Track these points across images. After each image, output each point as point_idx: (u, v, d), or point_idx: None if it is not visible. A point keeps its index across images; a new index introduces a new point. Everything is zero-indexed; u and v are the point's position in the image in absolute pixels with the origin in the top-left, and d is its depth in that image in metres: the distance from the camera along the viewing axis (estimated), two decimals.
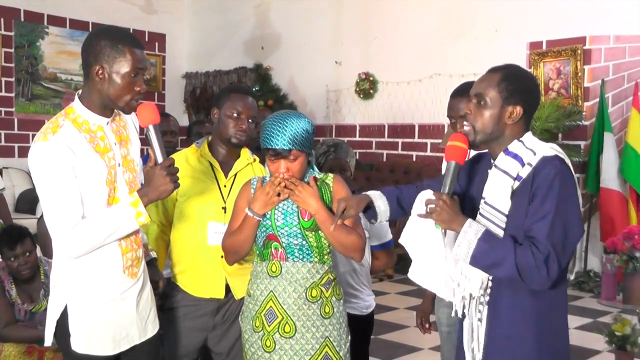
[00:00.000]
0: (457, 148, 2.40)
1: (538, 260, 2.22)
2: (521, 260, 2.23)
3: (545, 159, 2.32)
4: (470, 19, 8.95)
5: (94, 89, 2.55)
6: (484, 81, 2.44)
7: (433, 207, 2.35)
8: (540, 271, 2.22)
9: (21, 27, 10.57)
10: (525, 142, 2.39)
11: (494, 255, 2.27)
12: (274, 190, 2.70)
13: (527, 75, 2.50)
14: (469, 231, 2.30)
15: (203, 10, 12.32)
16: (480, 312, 2.43)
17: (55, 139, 2.46)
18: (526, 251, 2.24)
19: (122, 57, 2.52)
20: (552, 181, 2.26)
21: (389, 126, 9.99)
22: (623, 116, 8.10)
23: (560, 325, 2.43)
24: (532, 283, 2.27)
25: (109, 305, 2.65)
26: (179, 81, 12.51)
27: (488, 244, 2.28)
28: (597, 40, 8.04)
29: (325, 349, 2.74)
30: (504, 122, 2.39)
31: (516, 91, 2.38)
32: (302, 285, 2.74)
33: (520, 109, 2.38)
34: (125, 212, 2.53)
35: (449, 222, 2.34)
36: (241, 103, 3.16)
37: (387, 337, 5.95)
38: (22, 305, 4.18)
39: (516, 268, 2.23)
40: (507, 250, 2.25)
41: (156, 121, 2.59)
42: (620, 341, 4.73)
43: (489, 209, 2.38)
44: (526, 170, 2.33)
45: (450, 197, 2.36)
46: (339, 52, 10.45)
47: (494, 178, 2.39)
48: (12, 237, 4.15)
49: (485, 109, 2.39)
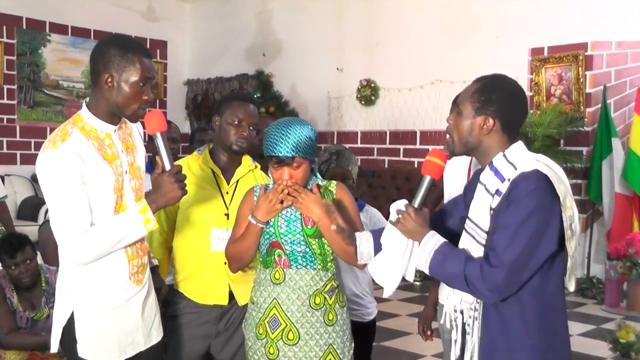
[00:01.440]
0: (434, 164, 2.41)
1: (484, 272, 2.20)
2: (469, 272, 2.23)
3: (523, 175, 2.26)
4: (471, 25, 8.95)
5: (102, 97, 2.56)
6: (464, 91, 2.43)
7: (398, 217, 2.39)
8: (484, 282, 2.20)
9: (23, 35, 10.58)
10: (507, 155, 2.34)
11: (447, 268, 2.29)
12: (277, 197, 2.69)
13: (505, 87, 2.40)
14: (428, 243, 2.32)
15: (204, 17, 12.34)
16: (469, 325, 2.41)
17: (64, 146, 2.46)
18: (475, 263, 2.23)
19: (132, 66, 2.53)
20: (525, 196, 2.21)
21: (391, 133, 9.99)
22: (625, 122, 8.09)
23: (561, 335, 2.39)
24: (477, 294, 2.27)
25: (115, 311, 2.65)
26: (181, 88, 12.53)
27: (442, 256, 2.29)
28: (598, 46, 8.04)
29: (328, 356, 2.73)
30: (477, 134, 2.36)
31: (488, 102, 2.33)
32: (305, 292, 2.73)
33: (492, 120, 2.33)
34: (134, 219, 2.53)
35: (412, 232, 2.36)
36: (242, 110, 3.16)
37: (390, 344, 5.94)
38: (23, 313, 4.18)
39: (464, 280, 2.23)
40: (459, 263, 2.26)
41: (163, 129, 2.60)
42: (624, 348, 4.72)
43: (472, 225, 2.38)
44: (505, 185, 2.29)
45: (418, 210, 2.38)
46: (340, 58, 10.46)
47: (477, 194, 2.39)
48: (13, 245, 4.15)
49: (461, 120, 2.38)
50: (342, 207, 2.79)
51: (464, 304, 2.42)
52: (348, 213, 2.79)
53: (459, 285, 2.29)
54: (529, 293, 2.29)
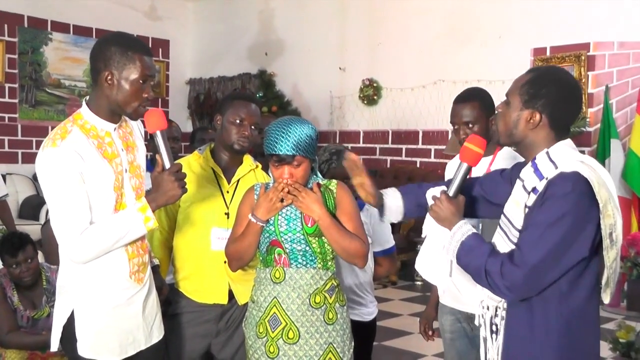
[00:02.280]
0: (471, 151, 2.37)
1: (504, 269, 2.14)
2: (490, 266, 2.17)
3: (561, 175, 2.15)
4: (474, 25, 8.94)
5: (102, 94, 2.56)
6: (516, 80, 2.33)
7: (433, 204, 2.37)
8: (503, 279, 2.14)
9: (25, 33, 10.58)
10: (551, 153, 2.23)
11: (471, 260, 2.24)
12: (277, 196, 2.69)
13: (557, 82, 2.27)
14: (457, 232, 2.29)
15: (207, 17, 12.34)
16: (496, 324, 2.34)
17: (64, 145, 2.46)
18: (497, 259, 2.18)
19: (132, 64, 2.53)
20: (560, 197, 2.12)
21: (393, 132, 9.98)
22: (627, 122, 8.08)
23: (586, 349, 2.27)
24: (495, 291, 2.21)
25: (116, 310, 2.65)
26: (183, 87, 12.52)
27: (468, 247, 2.26)
28: (601, 46, 8.03)
29: (329, 355, 2.73)
30: (522, 128, 2.27)
31: (536, 96, 2.24)
32: (305, 291, 2.73)
33: (539, 115, 2.24)
34: (134, 218, 2.53)
35: (443, 220, 2.34)
36: (244, 110, 3.16)
37: (391, 344, 5.94)
38: (24, 312, 4.18)
39: (485, 274, 2.18)
40: (482, 256, 2.21)
41: (163, 127, 2.60)
42: (624, 348, 4.71)
43: (506, 221, 2.30)
44: (543, 184, 2.19)
45: (453, 198, 2.35)
46: (343, 58, 10.45)
47: (515, 190, 2.30)
48: (14, 244, 4.16)
49: (508, 111, 2.30)
50: (343, 206, 2.80)
51: (490, 301, 2.35)
52: (348, 212, 2.79)
53: (479, 279, 2.23)
54: (555, 297, 2.19)
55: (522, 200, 2.25)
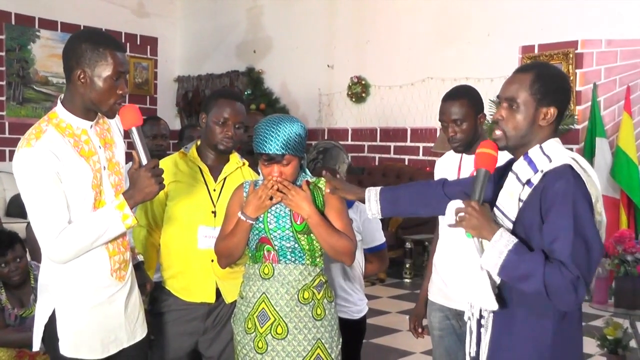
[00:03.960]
0: (488, 155, 2.30)
1: (567, 282, 2.11)
2: (550, 278, 2.13)
3: (557, 169, 2.21)
4: (462, 23, 8.96)
5: (76, 92, 2.53)
6: (514, 83, 2.32)
7: (462, 215, 2.26)
8: (570, 294, 2.12)
9: (12, 30, 10.54)
10: (544, 147, 2.28)
11: (523, 269, 2.17)
12: (266, 193, 2.69)
13: (559, 74, 2.39)
14: (499, 241, 2.20)
15: (195, 14, 12.31)
16: (484, 318, 2.35)
17: (38, 145, 2.44)
18: (555, 270, 2.13)
19: (104, 61, 2.49)
20: (566, 196, 2.15)
21: (381, 130, 9.99)
22: (615, 120, 8.11)
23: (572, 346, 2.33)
24: (561, 304, 2.18)
25: (97, 308, 2.63)
26: (171, 85, 12.50)
27: (518, 256, 2.18)
28: (589, 44, 8.06)
29: (317, 351, 2.74)
30: (537, 125, 2.29)
31: (550, 91, 2.28)
32: (294, 287, 2.73)
33: (554, 109, 2.28)
34: (112, 215, 2.51)
35: (480, 228, 2.23)
36: (228, 109, 3.13)
37: (379, 341, 5.94)
38: (12, 310, 4.16)
39: (544, 285, 2.13)
40: (537, 265, 2.15)
41: (138, 123, 2.57)
42: (611, 345, 4.74)
43: (498, 213, 2.31)
44: (537, 177, 2.23)
45: (480, 204, 2.27)
46: (331, 55, 10.46)
47: (508, 182, 2.32)
48: (3, 243, 4.12)
49: (518, 113, 2.29)
50: (331, 204, 2.80)
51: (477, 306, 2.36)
52: (336, 210, 2.80)
53: (533, 287, 2.17)
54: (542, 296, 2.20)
55: (516, 191, 2.28)
